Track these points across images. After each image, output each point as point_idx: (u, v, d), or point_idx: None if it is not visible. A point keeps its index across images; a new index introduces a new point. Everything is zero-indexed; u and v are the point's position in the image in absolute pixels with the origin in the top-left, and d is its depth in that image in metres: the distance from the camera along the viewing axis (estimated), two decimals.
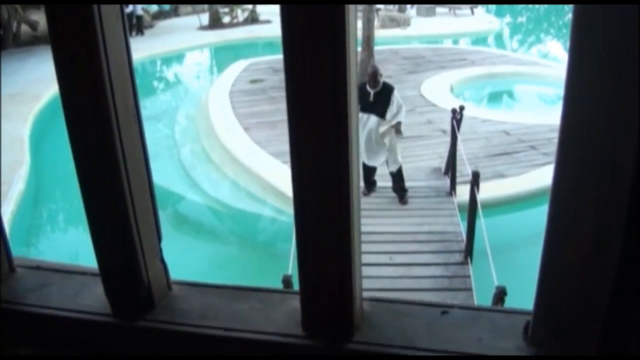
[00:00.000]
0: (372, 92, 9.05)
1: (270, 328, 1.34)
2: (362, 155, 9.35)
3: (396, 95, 9.23)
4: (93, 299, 1.50)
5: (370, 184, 10.31)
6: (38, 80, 20.66)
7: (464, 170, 10.68)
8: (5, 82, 19.85)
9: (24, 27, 26.81)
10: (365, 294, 1.36)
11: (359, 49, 16.23)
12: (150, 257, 1.43)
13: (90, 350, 1.47)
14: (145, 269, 1.41)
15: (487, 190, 10.54)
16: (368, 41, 15.82)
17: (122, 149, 1.31)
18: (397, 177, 9.92)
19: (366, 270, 7.34)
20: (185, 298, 1.48)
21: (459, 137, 10.78)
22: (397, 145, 9.76)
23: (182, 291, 1.52)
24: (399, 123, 9.40)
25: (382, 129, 9.38)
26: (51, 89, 17.59)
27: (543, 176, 11.11)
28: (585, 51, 0.92)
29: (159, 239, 1.46)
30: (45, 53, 20.14)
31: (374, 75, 8.82)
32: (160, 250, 1.48)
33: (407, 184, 10.32)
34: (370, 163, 9.87)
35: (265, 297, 1.44)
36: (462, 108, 11.29)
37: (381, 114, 9.22)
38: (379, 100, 9.13)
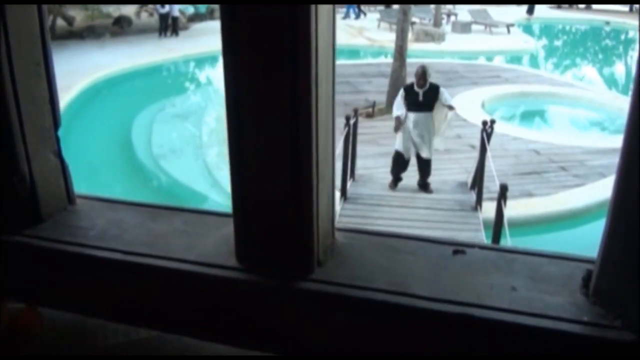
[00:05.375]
0: (420, 91, 8.98)
1: (191, 256, 0.89)
2: (411, 149, 9.26)
3: (443, 91, 9.15)
4: None
5: (399, 177, 9.97)
6: (69, 73, 20.68)
7: (491, 186, 10.21)
8: None
9: (60, 22, 27.05)
10: None
11: (391, 59, 15.83)
12: (37, 146, 0.98)
13: None
14: (27, 162, 0.96)
15: (514, 209, 10.02)
16: (401, 51, 15.37)
17: None
18: (429, 167, 9.72)
19: None
20: (88, 214, 1.04)
21: (489, 152, 10.30)
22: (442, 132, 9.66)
23: (87, 206, 1.07)
24: (450, 105, 9.38)
25: (437, 117, 9.31)
26: (82, 81, 17.50)
27: (573, 198, 10.55)
28: None
29: (56, 126, 1.02)
30: (79, 47, 20.14)
31: (424, 74, 9.00)
32: (57, 141, 1.03)
33: (433, 196, 9.94)
34: (423, 155, 9.61)
35: (194, 218, 1.00)
36: (492, 121, 10.82)
37: (430, 110, 9.15)
38: (427, 98, 9.02)
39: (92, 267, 0.95)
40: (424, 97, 9.38)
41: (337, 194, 8.93)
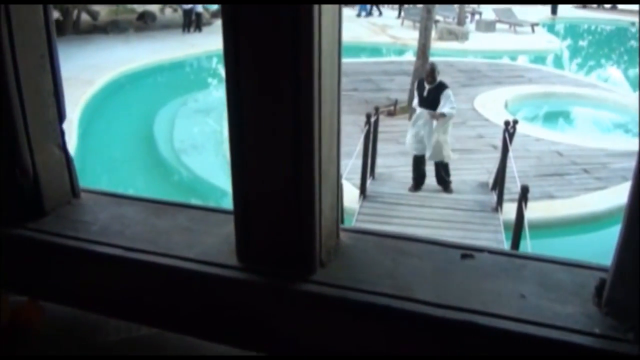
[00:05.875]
0: (427, 87, 8.89)
1: (192, 253, 0.87)
2: (411, 146, 9.16)
3: (447, 93, 9.01)
4: None
5: (420, 177, 9.84)
6: (93, 67, 20.94)
7: (513, 188, 10.10)
8: (61, 67, 19.91)
9: (84, 16, 27.28)
10: None
11: (414, 57, 15.75)
12: (41, 139, 0.97)
13: None
14: (30, 155, 0.95)
15: (535, 210, 9.90)
16: (424, 49, 15.26)
17: None
18: (441, 167, 9.53)
19: None
20: (92, 208, 1.03)
21: (510, 152, 10.17)
22: (444, 141, 9.39)
23: (91, 200, 1.06)
24: (441, 113, 9.20)
25: (434, 122, 9.15)
26: (105, 75, 17.66)
27: (594, 201, 10.39)
28: None
29: (60, 118, 1.00)
30: (102, 41, 20.30)
31: (432, 72, 8.95)
32: (61, 134, 1.01)
33: (453, 196, 9.80)
34: (419, 153, 9.46)
35: (198, 215, 0.98)
36: (515, 122, 10.68)
37: (432, 109, 9.02)
38: (432, 96, 8.93)
39: (93, 262, 0.94)
40: (428, 93, 9.29)
41: (357, 192, 8.88)
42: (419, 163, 9.92)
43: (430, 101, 9.20)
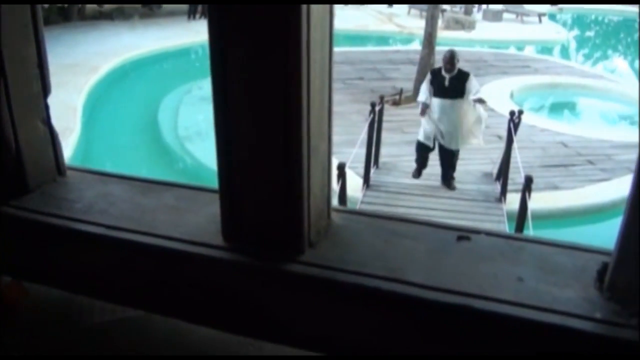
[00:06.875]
0: (447, 76, 8.62)
1: (177, 233, 0.83)
2: (427, 138, 9.00)
3: (473, 79, 8.79)
4: None
5: (424, 163, 9.71)
6: (98, 54, 20.92)
7: (517, 178, 10.05)
8: (66, 53, 19.87)
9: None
10: None
11: (420, 46, 15.65)
12: (24, 113, 0.94)
13: None
14: (12, 130, 0.92)
15: (539, 201, 9.85)
16: (430, 38, 15.14)
17: None
18: (452, 160, 9.35)
19: None
20: (77, 186, 0.99)
21: (515, 143, 10.11)
22: (477, 127, 9.23)
23: (77, 178, 1.03)
24: (480, 99, 8.96)
25: (465, 107, 8.92)
26: (110, 62, 17.59)
27: (598, 192, 10.34)
28: None
29: (45, 92, 0.97)
30: (108, 28, 20.21)
31: (451, 59, 8.61)
32: (46, 109, 0.98)
33: (457, 186, 9.75)
34: (430, 143, 9.30)
35: (185, 194, 0.94)
36: (520, 112, 10.60)
37: (455, 98, 8.81)
38: (454, 85, 8.61)
39: (76, 241, 0.91)
40: (450, 82, 8.95)
41: (360, 181, 8.83)
42: (426, 152, 9.74)
43: (454, 91, 8.89)
